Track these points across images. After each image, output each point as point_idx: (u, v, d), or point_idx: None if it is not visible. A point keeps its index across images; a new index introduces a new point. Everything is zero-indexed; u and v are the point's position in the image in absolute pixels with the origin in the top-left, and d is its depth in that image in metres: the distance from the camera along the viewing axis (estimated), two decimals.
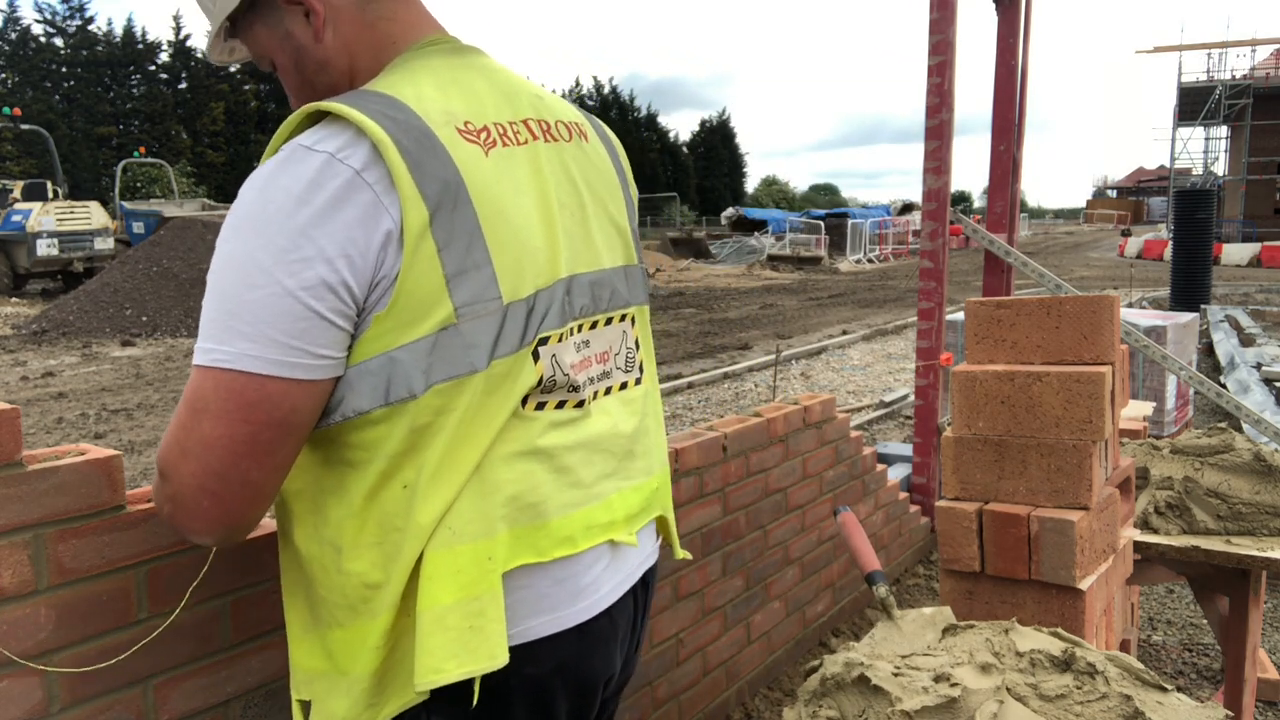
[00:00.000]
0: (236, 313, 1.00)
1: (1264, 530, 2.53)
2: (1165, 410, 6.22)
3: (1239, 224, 36.22)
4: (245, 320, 1.00)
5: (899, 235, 34.81)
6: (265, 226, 1.02)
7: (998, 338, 2.20)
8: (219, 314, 1.01)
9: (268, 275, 1.00)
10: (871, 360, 11.15)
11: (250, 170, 1.13)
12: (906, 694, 1.41)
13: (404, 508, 1.09)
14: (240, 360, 1.00)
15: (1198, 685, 3.29)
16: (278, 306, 1.00)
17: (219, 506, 1.04)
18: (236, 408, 1.01)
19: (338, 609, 1.14)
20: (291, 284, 1.00)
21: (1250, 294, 18.50)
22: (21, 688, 1.31)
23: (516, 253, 1.13)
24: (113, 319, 14.59)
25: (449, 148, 1.09)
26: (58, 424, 8.06)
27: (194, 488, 1.03)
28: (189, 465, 1.02)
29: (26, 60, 44.65)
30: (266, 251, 1.01)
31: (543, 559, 1.16)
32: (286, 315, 1.00)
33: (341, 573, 1.12)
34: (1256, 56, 39.07)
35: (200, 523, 1.05)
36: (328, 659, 1.16)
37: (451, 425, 1.09)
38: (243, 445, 1.02)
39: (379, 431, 1.08)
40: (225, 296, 1.01)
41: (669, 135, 75.09)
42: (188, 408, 1.02)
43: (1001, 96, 4.73)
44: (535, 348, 1.15)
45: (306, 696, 1.19)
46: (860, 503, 3.82)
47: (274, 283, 1.00)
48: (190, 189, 37.15)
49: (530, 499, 1.15)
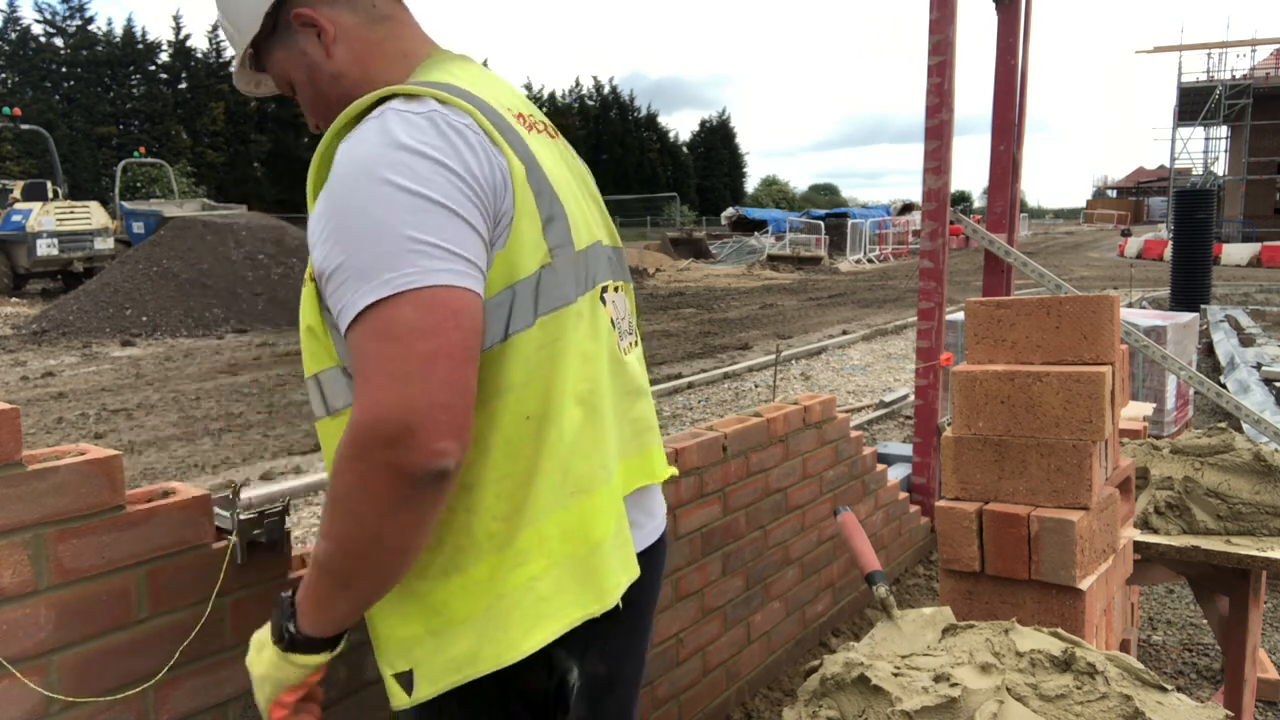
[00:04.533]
0: (408, 241, 1.06)
1: (1264, 530, 2.53)
2: (1165, 410, 6.22)
3: (1239, 224, 36.21)
4: (421, 244, 1.06)
5: (899, 235, 34.80)
6: (398, 167, 1.08)
7: (998, 338, 2.20)
8: (387, 249, 1.06)
9: (426, 201, 1.08)
10: (871, 360, 11.15)
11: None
12: (906, 694, 1.41)
13: (530, 438, 1.18)
14: (432, 275, 1.06)
15: (1198, 685, 3.29)
16: (450, 226, 1.08)
17: (455, 419, 1.05)
18: (445, 316, 1.05)
19: (461, 553, 1.18)
20: (453, 205, 1.09)
21: (1250, 294, 18.50)
22: (21, 688, 1.31)
23: (572, 210, 1.28)
24: (113, 319, 14.58)
25: (509, 121, 1.23)
26: (58, 424, 8.06)
27: (427, 406, 1.03)
28: (414, 388, 1.03)
29: (26, 60, 44.63)
30: (416, 183, 1.08)
31: (654, 480, 1.38)
32: (459, 232, 1.09)
33: (470, 510, 1.17)
34: (1256, 56, 39.07)
35: (443, 441, 1.04)
36: (434, 615, 1.19)
37: (560, 356, 1.20)
38: (460, 351, 1.06)
39: (500, 365, 1.16)
40: (386, 234, 1.06)
41: (669, 135, 75.11)
42: (388, 341, 1.04)
43: (1001, 96, 4.73)
44: (600, 293, 1.32)
45: (406, 666, 1.21)
46: (860, 503, 3.82)
47: (436, 206, 1.08)
48: (190, 189, 37.14)
49: (638, 428, 1.36)
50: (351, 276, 1.07)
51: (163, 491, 1.50)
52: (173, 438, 7.56)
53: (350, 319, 1.07)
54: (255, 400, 9.14)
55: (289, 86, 1.37)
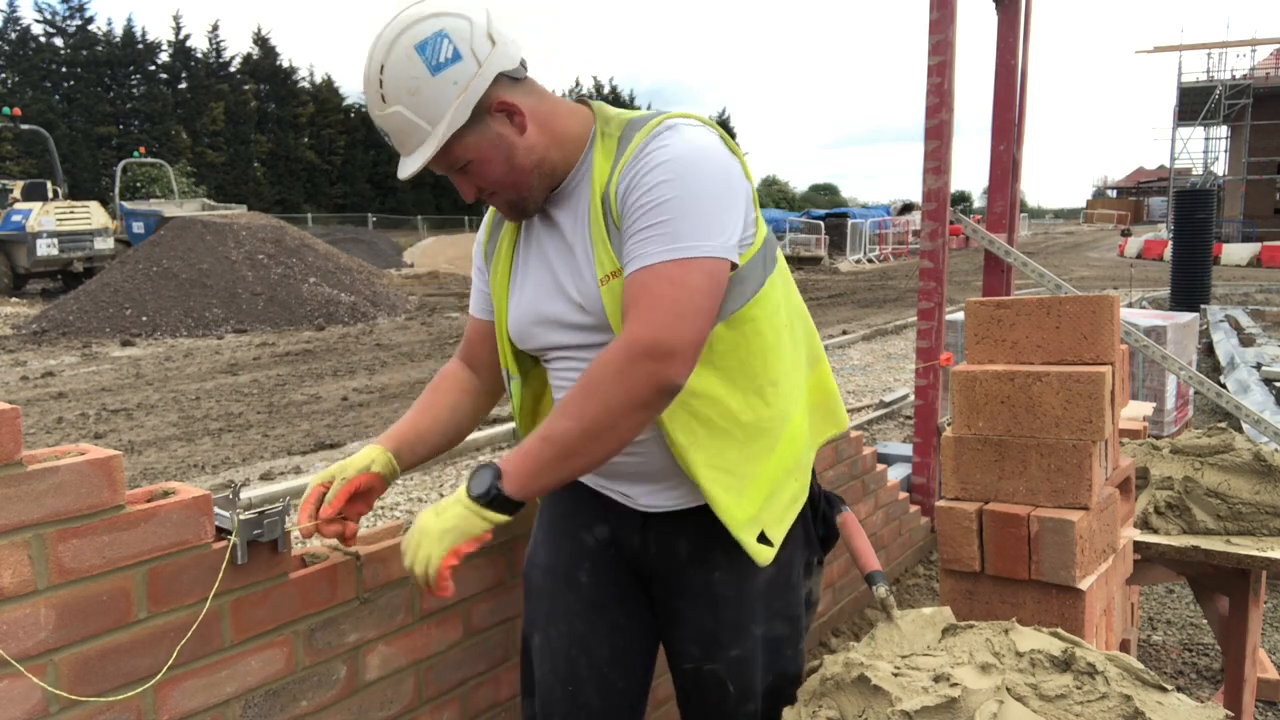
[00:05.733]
0: (712, 224, 1.47)
1: (1264, 530, 2.53)
2: (1165, 410, 6.22)
3: (1239, 224, 36.20)
4: (719, 227, 1.47)
5: (899, 235, 34.78)
6: (718, 172, 1.51)
7: (998, 338, 2.20)
8: (699, 224, 1.46)
9: (730, 199, 1.52)
10: (871, 360, 11.15)
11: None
12: (906, 694, 1.41)
13: (798, 341, 1.72)
14: (722, 250, 1.47)
15: (1198, 685, 3.29)
16: (735, 219, 1.52)
17: (695, 358, 1.46)
18: (717, 284, 1.47)
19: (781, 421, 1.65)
20: (740, 204, 1.55)
21: (1250, 294, 18.50)
22: (21, 688, 1.31)
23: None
24: (113, 319, 14.58)
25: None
26: (58, 424, 8.06)
27: (692, 343, 1.43)
28: (688, 327, 1.42)
29: (26, 60, 44.61)
30: (724, 185, 1.52)
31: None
32: (739, 224, 1.53)
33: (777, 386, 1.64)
34: (1256, 56, 39.07)
35: (686, 368, 1.43)
36: (789, 459, 1.67)
37: (785, 294, 1.69)
38: (712, 311, 1.47)
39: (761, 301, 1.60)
40: (703, 213, 1.47)
41: None
42: (681, 289, 1.42)
43: (1001, 96, 4.73)
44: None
45: (766, 525, 1.63)
46: (860, 503, 3.82)
47: (734, 204, 1.52)
48: (190, 189, 37.08)
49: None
50: (675, 230, 1.44)
51: (163, 491, 1.50)
52: (173, 438, 7.56)
53: (647, 264, 1.44)
54: (255, 400, 9.14)
55: (462, 164, 1.56)
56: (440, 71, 1.47)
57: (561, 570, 1.78)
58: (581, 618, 1.75)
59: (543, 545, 1.84)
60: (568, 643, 1.75)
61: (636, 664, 1.79)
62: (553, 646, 1.77)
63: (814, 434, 1.78)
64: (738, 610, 1.67)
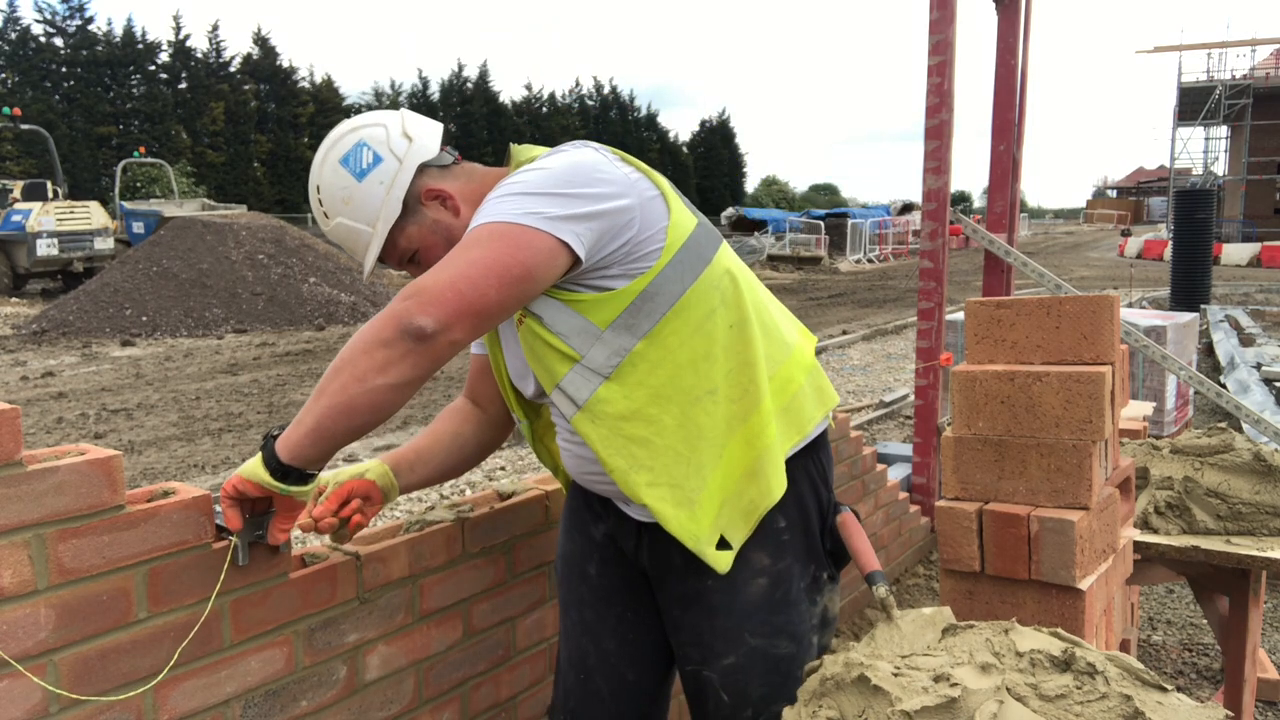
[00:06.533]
0: (532, 203, 1.46)
1: (1264, 530, 2.53)
2: (1165, 410, 6.22)
3: (1239, 224, 36.21)
4: (540, 205, 1.46)
5: (899, 235, 34.77)
6: (563, 169, 1.50)
7: (998, 338, 2.20)
8: (517, 203, 1.46)
9: (574, 192, 1.49)
10: (871, 360, 11.15)
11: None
12: (906, 694, 1.41)
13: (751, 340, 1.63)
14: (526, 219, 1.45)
15: (1198, 685, 3.29)
16: (577, 206, 1.48)
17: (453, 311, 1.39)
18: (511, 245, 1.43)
19: (729, 426, 1.59)
20: (597, 204, 1.49)
21: (1250, 294, 18.50)
22: (22, 687, 1.31)
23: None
24: (113, 319, 14.58)
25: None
26: (58, 424, 8.06)
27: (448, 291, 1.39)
28: (447, 276, 1.40)
29: (26, 60, 44.59)
30: (567, 182, 1.50)
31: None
32: (586, 215, 1.49)
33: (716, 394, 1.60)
34: (1256, 56, 39.08)
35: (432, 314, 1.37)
36: (745, 462, 1.59)
37: (727, 298, 1.62)
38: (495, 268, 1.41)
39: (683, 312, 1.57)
40: (527, 195, 1.47)
41: (669, 135, 75.07)
42: (462, 248, 1.44)
43: (1001, 96, 4.73)
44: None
45: (725, 530, 1.60)
46: (860, 503, 3.82)
47: (582, 198, 1.48)
48: (190, 189, 37.11)
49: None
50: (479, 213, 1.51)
51: (163, 491, 1.50)
52: (173, 438, 7.56)
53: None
54: (255, 400, 9.14)
55: (409, 255, 1.64)
56: (365, 176, 1.59)
57: (575, 561, 1.84)
58: (591, 607, 1.82)
59: (563, 535, 1.91)
60: (579, 630, 1.83)
61: (646, 658, 1.80)
62: (569, 632, 1.86)
63: (788, 430, 1.67)
64: (730, 619, 1.66)
